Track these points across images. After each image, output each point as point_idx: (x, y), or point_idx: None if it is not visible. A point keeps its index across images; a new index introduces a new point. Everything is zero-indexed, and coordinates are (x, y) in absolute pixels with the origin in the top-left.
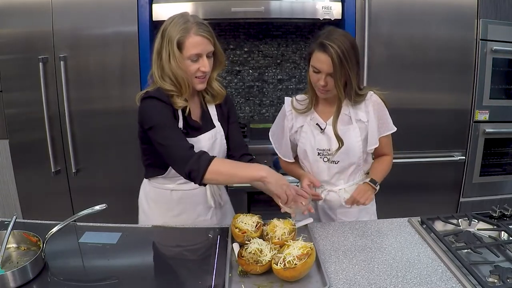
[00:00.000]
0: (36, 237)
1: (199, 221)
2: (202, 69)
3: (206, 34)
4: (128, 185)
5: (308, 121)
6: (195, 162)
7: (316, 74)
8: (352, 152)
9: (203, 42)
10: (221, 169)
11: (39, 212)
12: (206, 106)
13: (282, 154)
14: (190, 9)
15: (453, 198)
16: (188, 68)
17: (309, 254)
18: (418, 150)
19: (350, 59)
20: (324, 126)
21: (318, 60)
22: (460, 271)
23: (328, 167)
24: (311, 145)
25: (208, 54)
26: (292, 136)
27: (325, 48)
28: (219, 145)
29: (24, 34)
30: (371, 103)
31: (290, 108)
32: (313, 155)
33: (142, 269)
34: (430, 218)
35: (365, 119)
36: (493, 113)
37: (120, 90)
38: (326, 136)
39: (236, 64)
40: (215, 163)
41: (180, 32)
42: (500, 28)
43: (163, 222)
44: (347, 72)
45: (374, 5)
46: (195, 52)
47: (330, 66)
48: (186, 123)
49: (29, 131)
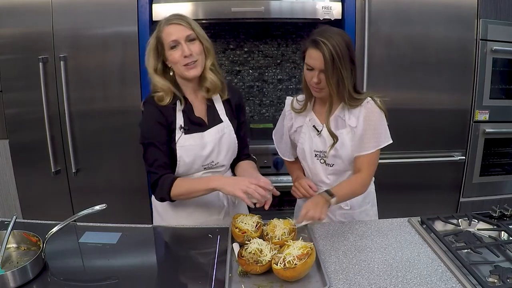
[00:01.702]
0: (36, 237)
1: (211, 220)
2: (184, 54)
3: (177, 21)
4: (128, 185)
5: (307, 121)
6: (160, 190)
7: (309, 72)
8: (346, 158)
9: (175, 28)
10: (180, 190)
11: (39, 212)
12: (212, 101)
13: (281, 153)
14: (190, 9)
15: (453, 198)
16: (172, 58)
17: (309, 254)
18: (418, 150)
19: (343, 57)
20: (321, 128)
21: (311, 57)
22: (460, 271)
23: (324, 169)
24: (309, 146)
25: (188, 39)
26: (292, 135)
27: (317, 44)
28: (227, 140)
29: (24, 34)
30: (365, 110)
31: (289, 107)
32: (310, 156)
33: (142, 269)
34: (430, 218)
35: (354, 125)
36: (493, 113)
37: (120, 90)
38: (322, 138)
39: (236, 64)
40: (174, 187)
41: (157, 29)
42: (500, 28)
43: (176, 222)
44: (339, 70)
45: (374, 5)
46: (170, 39)
47: (322, 63)
48: (188, 120)
49: (29, 131)
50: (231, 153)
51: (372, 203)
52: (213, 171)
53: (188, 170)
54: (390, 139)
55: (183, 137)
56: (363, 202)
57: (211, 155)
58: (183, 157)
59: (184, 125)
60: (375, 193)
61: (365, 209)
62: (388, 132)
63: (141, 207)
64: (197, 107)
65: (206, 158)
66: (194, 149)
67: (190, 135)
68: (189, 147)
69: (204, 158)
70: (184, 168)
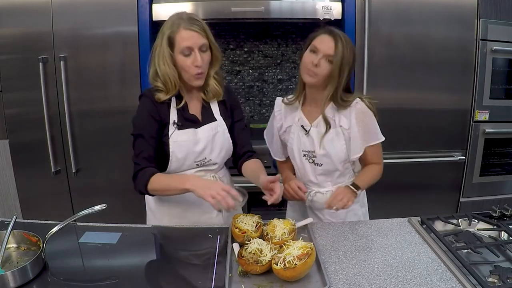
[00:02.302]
0: (36, 237)
1: (205, 218)
2: (195, 64)
3: (196, 28)
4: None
5: (296, 121)
6: (138, 182)
7: (312, 54)
8: (336, 157)
9: (193, 35)
10: (157, 186)
11: (39, 212)
12: (207, 101)
13: (273, 153)
14: (190, 9)
15: (453, 198)
16: (182, 63)
17: (309, 254)
18: (418, 150)
19: (348, 58)
20: (309, 128)
21: (322, 41)
22: (460, 271)
23: (313, 169)
24: (297, 145)
25: (201, 49)
26: (282, 136)
27: (333, 33)
28: (221, 138)
29: (24, 34)
30: (355, 110)
31: (279, 108)
32: (299, 155)
33: (142, 269)
34: (430, 218)
35: (347, 127)
36: (493, 113)
37: (120, 90)
38: (310, 138)
39: (236, 64)
40: (152, 182)
41: (171, 27)
42: (500, 28)
43: (169, 220)
44: (343, 67)
45: (374, 5)
46: (185, 45)
47: (331, 49)
48: (182, 117)
49: (29, 131)
50: (225, 152)
51: (361, 203)
52: (206, 169)
53: (180, 166)
54: (382, 137)
55: (176, 132)
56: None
57: (203, 152)
58: (176, 152)
59: (177, 121)
60: (365, 194)
61: (353, 208)
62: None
63: (141, 207)
64: (192, 105)
65: (199, 154)
66: (186, 145)
67: (183, 131)
68: (181, 143)
69: (197, 154)
70: (177, 164)
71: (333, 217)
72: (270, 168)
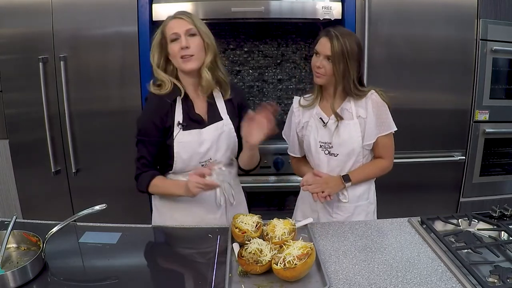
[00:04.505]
0: (36, 237)
1: (208, 218)
2: (181, 45)
3: (181, 15)
4: (128, 185)
5: (313, 115)
6: (139, 185)
7: (315, 57)
8: (352, 146)
9: (179, 22)
10: (156, 190)
11: (39, 212)
12: (214, 99)
13: (290, 150)
14: (190, 9)
15: (453, 198)
16: (171, 51)
17: (309, 254)
18: (418, 150)
19: (352, 52)
20: (327, 120)
21: (320, 43)
22: (460, 271)
23: (328, 160)
24: (314, 137)
25: (188, 33)
26: (300, 132)
27: (328, 33)
28: (226, 137)
29: (24, 34)
30: (370, 100)
31: (297, 105)
32: (315, 147)
33: (142, 269)
34: (430, 218)
35: (365, 116)
36: (493, 113)
37: (120, 90)
38: (328, 130)
39: (236, 64)
40: (151, 186)
41: (163, 25)
42: (500, 28)
43: (174, 218)
44: (346, 62)
45: (374, 5)
46: (171, 32)
47: (329, 49)
48: (187, 117)
49: (29, 131)
50: (230, 151)
51: (371, 201)
52: None
53: (185, 167)
54: (395, 126)
55: (181, 133)
56: (360, 198)
57: (208, 152)
58: (180, 153)
59: (182, 121)
60: (375, 192)
61: (361, 204)
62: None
63: (141, 207)
64: (198, 104)
65: (204, 155)
66: (191, 146)
67: (188, 132)
68: (186, 144)
69: (202, 155)
70: (181, 165)
71: (341, 210)
72: (270, 168)
